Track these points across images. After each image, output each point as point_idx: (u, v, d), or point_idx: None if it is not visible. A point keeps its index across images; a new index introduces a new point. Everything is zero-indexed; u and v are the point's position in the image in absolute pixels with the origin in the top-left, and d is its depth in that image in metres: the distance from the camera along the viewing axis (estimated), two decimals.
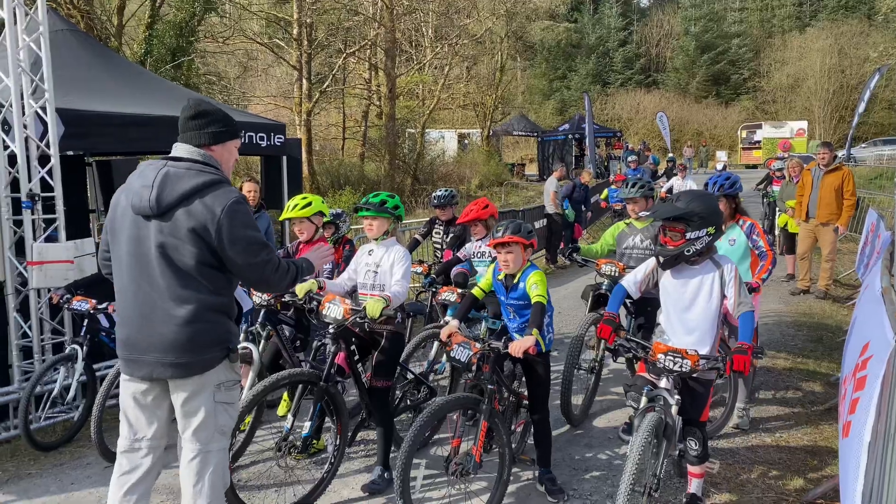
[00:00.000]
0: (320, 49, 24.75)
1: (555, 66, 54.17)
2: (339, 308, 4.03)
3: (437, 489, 4.24)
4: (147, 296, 2.93)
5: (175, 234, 2.89)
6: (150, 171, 2.96)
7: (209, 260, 2.95)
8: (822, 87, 40.88)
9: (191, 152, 3.02)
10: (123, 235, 2.99)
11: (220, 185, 2.98)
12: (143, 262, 2.93)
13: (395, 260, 4.31)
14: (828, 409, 5.50)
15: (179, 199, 2.89)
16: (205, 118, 3.08)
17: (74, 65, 6.84)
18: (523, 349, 3.65)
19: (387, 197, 4.38)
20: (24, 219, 5.60)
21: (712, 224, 3.58)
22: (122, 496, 3.02)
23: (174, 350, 2.90)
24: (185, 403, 2.99)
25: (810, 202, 9.34)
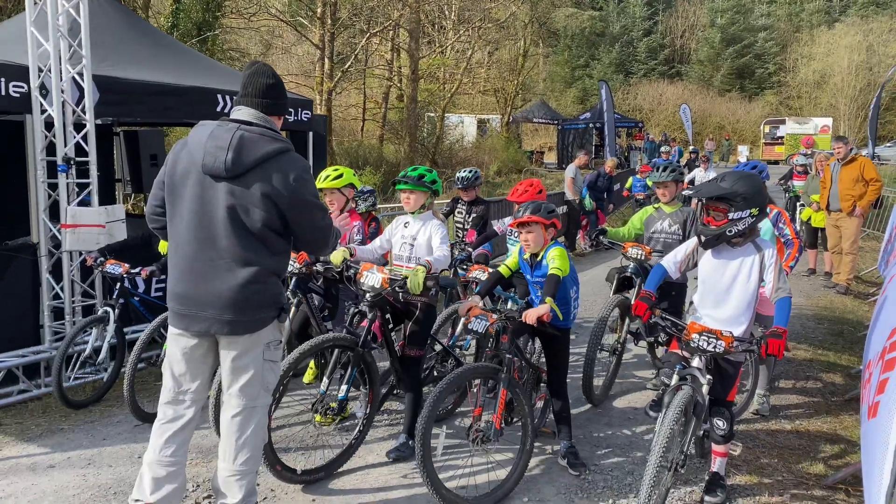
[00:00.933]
0: (343, 28, 24.73)
1: (578, 53, 53.77)
2: (377, 277, 4.10)
3: (460, 458, 4.31)
4: (209, 254, 3.00)
5: (247, 197, 2.96)
6: (223, 133, 2.99)
7: (275, 224, 3.04)
8: (848, 85, 40.31)
9: (259, 118, 3.08)
10: (186, 193, 3.03)
11: (290, 153, 3.08)
12: (207, 221, 3.00)
13: (433, 232, 4.39)
14: (848, 400, 5.52)
15: (255, 163, 2.96)
16: (278, 90, 3.17)
17: (109, 33, 6.90)
18: (536, 316, 3.75)
19: (425, 171, 4.44)
20: (59, 182, 5.70)
21: (756, 205, 3.57)
22: (164, 443, 3.14)
23: (233, 308, 2.99)
24: (236, 360, 3.08)
25: (831, 195, 9.50)
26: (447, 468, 4.13)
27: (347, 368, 4.13)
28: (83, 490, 3.90)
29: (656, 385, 5.57)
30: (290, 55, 30.29)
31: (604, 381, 5.46)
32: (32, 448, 4.46)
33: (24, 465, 4.21)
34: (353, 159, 23.60)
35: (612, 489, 4.02)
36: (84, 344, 5.39)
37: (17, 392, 5.35)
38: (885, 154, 30.04)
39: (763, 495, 3.97)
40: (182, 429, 3.17)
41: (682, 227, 5.22)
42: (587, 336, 6.43)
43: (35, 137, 5.65)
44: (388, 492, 3.95)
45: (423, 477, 3.57)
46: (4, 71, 5.39)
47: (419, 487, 3.95)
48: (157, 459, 3.14)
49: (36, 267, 5.76)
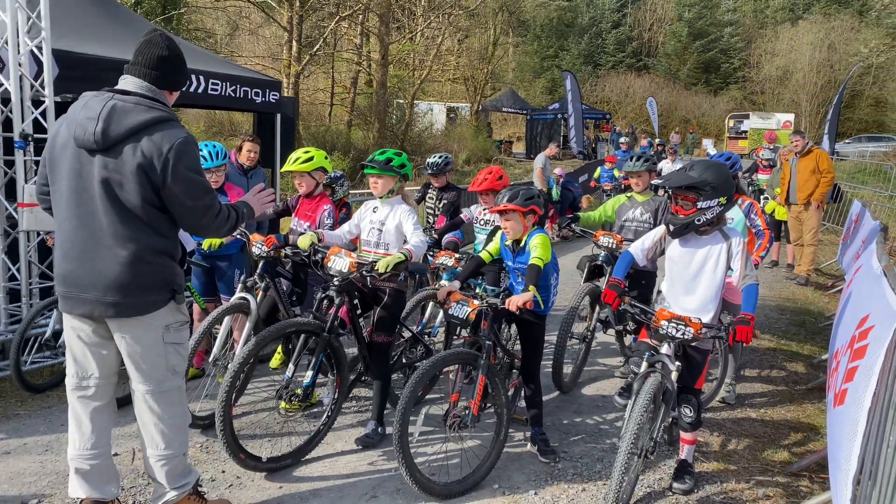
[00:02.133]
0: (312, 11, 24.35)
1: (547, 44, 53.83)
2: (344, 261, 4.04)
3: (434, 445, 4.28)
4: (89, 232, 2.85)
5: (120, 170, 2.80)
6: (95, 103, 2.86)
7: (153, 199, 2.87)
8: (810, 81, 41.08)
9: (141, 87, 2.92)
10: (64, 168, 2.88)
11: (169, 123, 2.90)
12: (84, 197, 2.85)
13: (403, 218, 4.32)
14: (810, 389, 5.62)
15: (127, 134, 2.80)
16: (171, 62, 3.00)
17: (70, 6, 6.67)
18: (520, 303, 3.73)
19: (393, 155, 4.34)
20: (15, 160, 5.49)
21: (724, 194, 3.59)
22: (79, 439, 3.04)
23: (115, 290, 2.84)
24: (132, 345, 2.95)
25: (790, 188, 9.70)
26: (421, 454, 4.09)
27: (314, 354, 4.06)
28: (40, 477, 3.78)
29: (625, 373, 5.62)
30: (258, 37, 29.74)
31: (573, 368, 5.48)
32: None
33: None
34: (321, 144, 23.27)
35: (581, 476, 4.03)
36: (43, 327, 5.22)
37: None
38: (843, 150, 30.75)
39: (730, 482, 4.02)
40: (94, 418, 3.04)
41: (654, 216, 5.25)
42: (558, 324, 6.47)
43: None
44: (356, 478, 3.90)
45: (400, 461, 3.54)
46: None
47: (387, 473, 3.92)
48: (77, 455, 3.04)
49: None
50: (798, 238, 9.90)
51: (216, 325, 4.46)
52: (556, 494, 3.81)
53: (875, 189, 18.24)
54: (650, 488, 3.93)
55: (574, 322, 5.22)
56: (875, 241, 4.90)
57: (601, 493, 3.84)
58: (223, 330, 4.51)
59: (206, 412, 4.38)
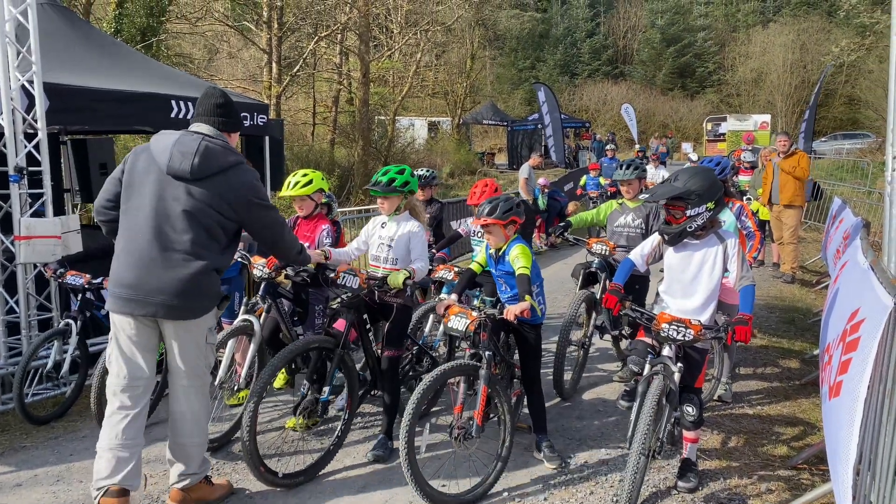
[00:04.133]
0: (290, 32, 24.48)
1: (523, 55, 54.39)
2: (355, 278, 4.17)
3: (441, 457, 4.33)
4: (162, 245, 3.33)
5: (205, 198, 3.37)
6: (189, 140, 3.40)
7: (228, 225, 3.48)
8: (784, 82, 41.79)
9: (217, 134, 3.52)
10: (146, 190, 3.38)
11: (245, 165, 3.57)
12: (164, 216, 3.35)
13: (412, 237, 4.44)
14: (804, 384, 5.75)
15: (217, 171, 3.39)
16: (228, 108, 3.61)
17: (57, 39, 6.72)
18: (518, 312, 3.81)
19: (396, 174, 4.42)
20: (11, 193, 5.52)
21: (711, 199, 3.72)
22: (123, 430, 3.37)
23: (182, 296, 3.33)
24: (183, 344, 3.46)
25: (772, 188, 9.90)
26: (430, 466, 4.14)
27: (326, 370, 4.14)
28: None
29: (623, 377, 5.71)
30: (237, 60, 29.83)
31: (572, 375, 5.57)
32: None
33: None
34: (305, 164, 23.34)
35: (588, 480, 4.11)
36: (44, 359, 5.24)
37: None
38: (820, 149, 31.26)
39: (732, 478, 4.11)
40: (138, 414, 3.43)
41: (645, 222, 5.37)
42: (552, 333, 6.56)
43: None
44: (368, 492, 3.96)
45: (408, 475, 3.59)
46: None
47: (399, 486, 3.97)
48: (118, 444, 3.36)
49: None
50: (780, 237, 10.09)
51: (220, 348, 4.50)
52: (565, 499, 3.89)
53: (854, 185, 18.59)
54: (655, 488, 4.01)
55: (572, 329, 5.32)
56: (859, 237, 5.04)
57: (609, 495, 3.92)
58: (227, 353, 4.55)
59: (214, 435, 4.41)
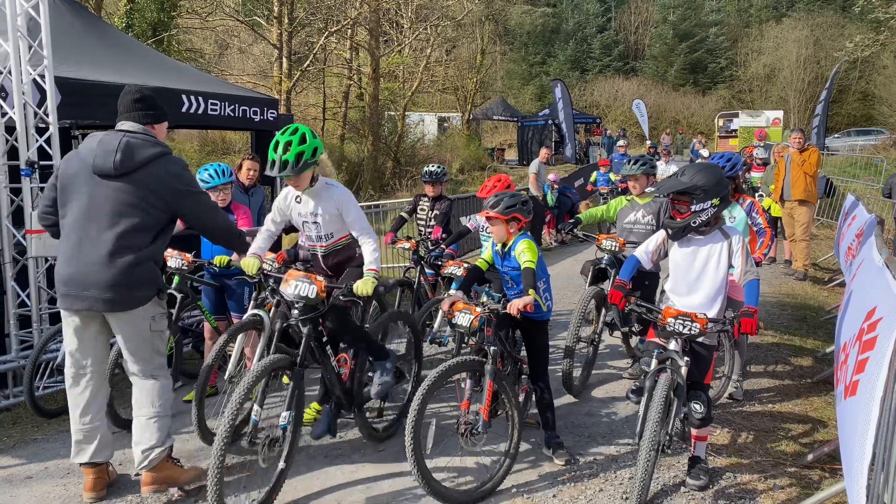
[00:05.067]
0: (301, 27, 24.49)
1: (534, 51, 54.21)
2: (309, 286, 3.69)
3: (447, 455, 4.32)
4: (93, 242, 3.52)
5: (132, 192, 3.54)
6: (110, 139, 3.60)
7: (159, 216, 3.65)
8: (797, 78, 41.45)
9: (137, 128, 3.70)
10: (78, 191, 3.58)
11: (169, 155, 3.72)
12: (94, 213, 3.54)
13: (341, 204, 4.05)
14: (816, 382, 5.70)
15: (140, 164, 3.57)
16: (147, 102, 3.77)
17: (68, 33, 6.75)
18: (520, 306, 3.78)
19: (300, 147, 3.77)
20: (22, 187, 5.54)
21: (716, 195, 3.70)
22: (80, 414, 3.69)
23: (114, 288, 3.51)
24: (127, 332, 3.64)
25: (784, 184, 9.83)
26: (437, 462, 4.13)
27: None
28: (66, 500, 3.82)
29: (633, 374, 5.68)
30: (247, 55, 29.87)
31: (581, 372, 5.54)
32: (7, 460, 4.34)
33: (1, 478, 4.09)
34: None
35: (597, 476, 4.09)
36: (55, 352, 5.26)
37: None
38: (833, 145, 30.99)
39: (743, 476, 4.08)
40: (92, 399, 3.71)
41: (656, 218, 5.33)
42: (561, 329, 6.54)
43: None
44: (377, 489, 3.95)
45: (415, 472, 3.58)
46: None
47: (408, 481, 3.95)
48: (77, 428, 3.70)
49: (0, 274, 5.60)
50: (793, 234, 10.02)
51: (230, 343, 4.50)
52: (574, 495, 3.87)
53: (867, 182, 18.43)
54: (665, 485, 3.99)
55: (581, 326, 5.29)
56: (874, 234, 4.99)
57: (619, 492, 3.89)
58: (237, 348, 4.56)
59: None
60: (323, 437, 4.33)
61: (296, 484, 3.98)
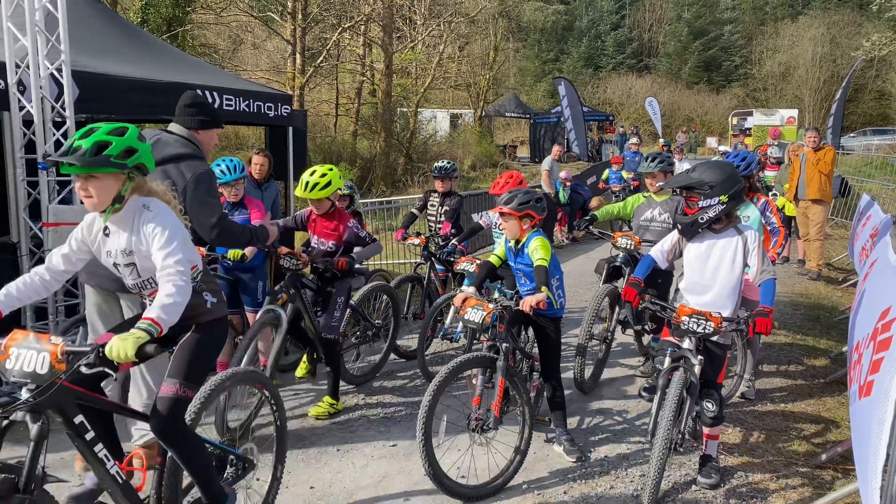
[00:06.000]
0: (314, 23, 24.51)
1: (547, 48, 54.03)
2: (38, 354, 2.41)
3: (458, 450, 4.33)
4: None
5: None
6: (147, 135, 3.58)
7: None
8: (812, 76, 41.08)
9: (180, 130, 3.95)
10: None
11: (196, 158, 3.88)
12: None
13: (152, 241, 2.73)
14: (829, 382, 5.67)
15: (162, 161, 3.70)
16: (196, 107, 3.99)
17: (85, 28, 6.79)
18: (533, 303, 3.80)
19: (105, 135, 2.63)
20: (39, 180, 5.59)
21: (724, 192, 3.68)
22: None
23: None
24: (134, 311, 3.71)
25: (799, 184, 9.77)
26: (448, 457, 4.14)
27: None
28: None
29: (645, 372, 5.67)
30: (261, 51, 29.93)
31: (593, 369, 5.53)
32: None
33: None
34: (327, 155, 23.41)
35: (608, 474, 4.09)
36: None
37: (1, 394, 5.25)
38: (849, 144, 30.71)
39: (755, 475, 4.07)
40: None
41: (673, 216, 5.29)
42: (573, 326, 6.54)
43: (14, 135, 5.54)
44: (389, 483, 3.98)
45: (425, 467, 3.60)
46: None
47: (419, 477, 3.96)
48: None
49: (16, 267, 5.65)
50: (807, 234, 9.96)
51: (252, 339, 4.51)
52: (585, 493, 3.87)
53: (882, 182, 18.25)
54: (676, 483, 3.99)
55: (594, 323, 5.29)
56: (889, 234, 4.95)
57: (630, 489, 3.90)
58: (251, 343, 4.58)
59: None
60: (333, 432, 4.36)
61: (307, 477, 4.01)
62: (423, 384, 5.13)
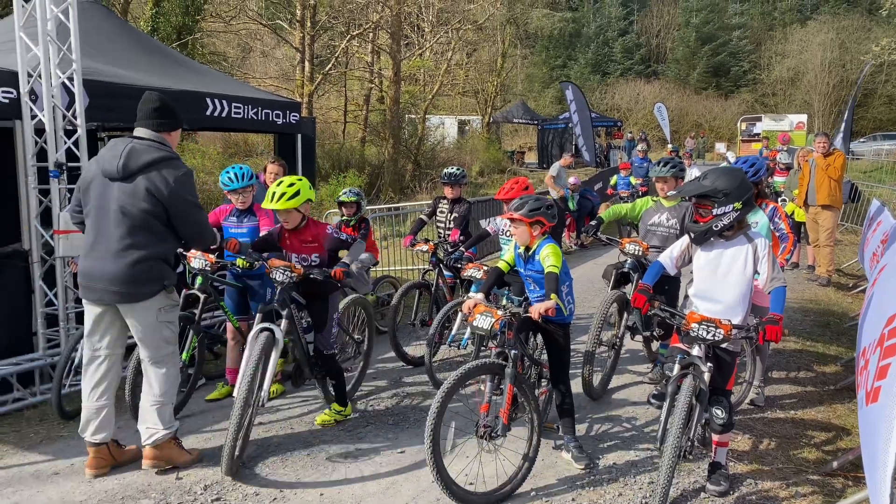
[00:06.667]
0: (323, 31, 24.64)
1: (555, 54, 54.09)
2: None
3: (466, 457, 4.33)
4: (103, 240, 3.90)
5: (134, 194, 3.85)
6: (119, 144, 3.93)
7: (160, 216, 3.93)
8: (821, 81, 40.93)
9: (149, 134, 3.99)
10: (92, 193, 3.94)
11: (173, 160, 3.98)
12: (103, 214, 3.90)
13: None
14: (839, 389, 5.63)
15: (141, 167, 3.86)
16: (164, 111, 4.04)
17: (95, 36, 6.85)
18: (542, 311, 3.80)
19: None
20: (51, 188, 5.65)
21: (738, 199, 3.68)
22: (90, 390, 4.00)
23: (120, 282, 3.86)
24: (136, 322, 3.97)
25: (809, 189, 9.74)
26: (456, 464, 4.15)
27: None
28: (90, 496, 3.88)
29: (653, 378, 5.66)
30: (270, 58, 30.12)
31: (602, 376, 5.52)
32: (34, 456, 4.42)
33: (28, 473, 4.17)
34: (336, 161, 23.52)
35: (616, 481, 4.08)
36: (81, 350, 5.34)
37: (13, 400, 5.31)
38: (859, 150, 30.54)
39: (764, 482, 4.05)
40: (103, 378, 4.01)
41: (680, 222, 5.29)
42: (581, 333, 6.53)
43: (25, 143, 5.60)
44: (396, 490, 3.98)
45: (433, 474, 3.60)
46: None
47: (427, 483, 3.97)
48: (87, 405, 4.01)
49: (28, 274, 5.71)
50: (816, 239, 9.91)
51: None
52: (593, 500, 3.86)
53: (892, 187, 18.12)
54: (685, 490, 3.97)
55: (603, 329, 5.28)
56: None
57: (638, 497, 3.88)
58: None
59: None
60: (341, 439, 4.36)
61: (315, 485, 4.02)
62: (432, 391, 5.13)
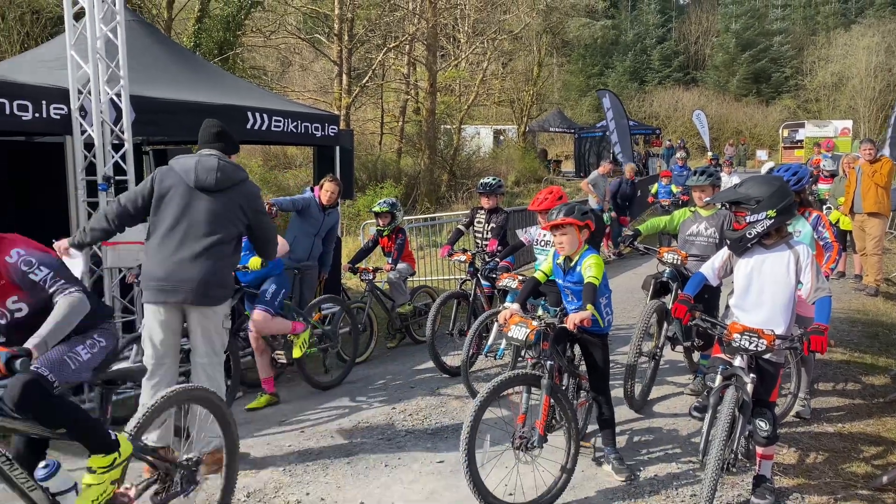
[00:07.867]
0: (360, 44, 24.93)
1: (592, 62, 53.76)
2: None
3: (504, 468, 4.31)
4: (191, 246, 4.14)
5: (226, 206, 4.24)
6: (209, 161, 4.27)
7: (240, 227, 4.34)
8: (867, 86, 39.91)
9: (224, 157, 4.37)
10: (175, 201, 4.19)
11: (251, 180, 4.48)
12: (192, 222, 4.17)
13: None
14: (889, 402, 5.47)
15: (232, 184, 4.29)
16: (226, 136, 4.48)
17: (142, 53, 7.04)
18: (577, 321, 3.78)
19: None
20: (99, 201, 5.81)
21: (772, 207, 3.61)
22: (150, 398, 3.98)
23: (206, 285, 4.13)
24: (205, 325, 4.22)
25: (855, 196, 9.51)
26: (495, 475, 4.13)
27: None
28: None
29: (695, 390, 5.58)
30: (308, 72, 30.56)
31: (642, 387, 5.46)
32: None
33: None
34: (372, 173, 23.73)
35: (657, 493, 4.03)
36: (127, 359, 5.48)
37: None
38: None
39: (811, 497, 3.96)
40: (161, 383, 4.15)
41: (719, 231, 5.22)
42: (620, 344, 6.47)
43: (76, 158, 5.78)
44: (436, 499, 3.98)
45: (471, 486, 3.60)
46: (46, 94, 5.52)
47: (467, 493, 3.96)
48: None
49: None
50: (864, 248, 9.66)
51: None
52: None
53: None
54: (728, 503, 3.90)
55: (643, 340, 5.22)
56: None
57: None
58: None
59: None
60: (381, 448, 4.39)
61: (356, 492, 4.05)
62: (469, 400, 5.13)
